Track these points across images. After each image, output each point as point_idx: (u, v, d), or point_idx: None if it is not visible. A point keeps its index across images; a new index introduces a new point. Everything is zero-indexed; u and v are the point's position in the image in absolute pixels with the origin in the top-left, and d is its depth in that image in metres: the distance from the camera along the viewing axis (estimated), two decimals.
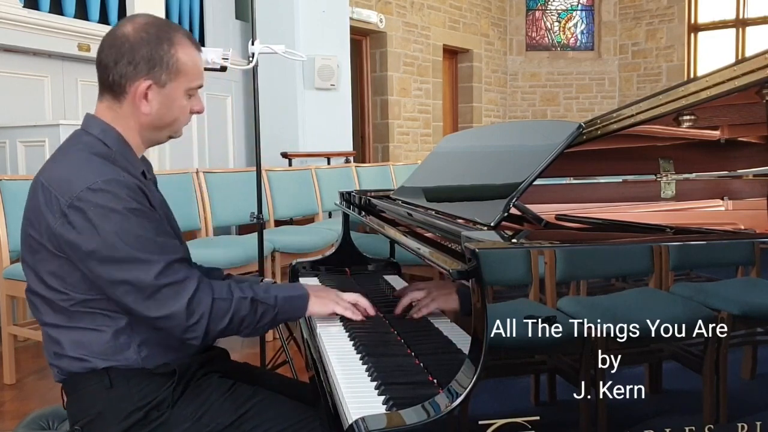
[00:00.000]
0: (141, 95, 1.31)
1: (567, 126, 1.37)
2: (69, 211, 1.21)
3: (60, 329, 1.30)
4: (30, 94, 4.36)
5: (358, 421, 1.01)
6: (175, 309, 1.23)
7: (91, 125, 1.35)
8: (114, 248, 1.20)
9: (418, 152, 8.56)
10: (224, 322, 1.29)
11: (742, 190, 2.12)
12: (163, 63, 1.31)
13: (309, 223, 5.12)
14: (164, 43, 1.31)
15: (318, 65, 6.00)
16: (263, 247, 2.93)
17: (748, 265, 1.12)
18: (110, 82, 1.32)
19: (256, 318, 1.33)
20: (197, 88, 1.38)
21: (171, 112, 1.35)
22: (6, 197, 3.16)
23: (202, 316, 1.26)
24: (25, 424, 1.47)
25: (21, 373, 3.21)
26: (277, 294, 1.37)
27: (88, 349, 1.29)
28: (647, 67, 10.01)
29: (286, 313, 1.40)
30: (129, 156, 1.35)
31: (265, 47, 2.74)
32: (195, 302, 1.25)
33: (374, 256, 2.02)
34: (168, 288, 1.23)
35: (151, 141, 1.41)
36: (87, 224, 1.20)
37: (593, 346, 1.05)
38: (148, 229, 1.24)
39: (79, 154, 1.30)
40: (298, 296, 1.42)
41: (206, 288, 1.28)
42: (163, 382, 1.31)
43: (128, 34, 1.31)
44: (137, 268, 1.22)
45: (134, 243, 1.22)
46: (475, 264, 1.03)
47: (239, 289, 1.33)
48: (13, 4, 4.05)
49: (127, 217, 1.22)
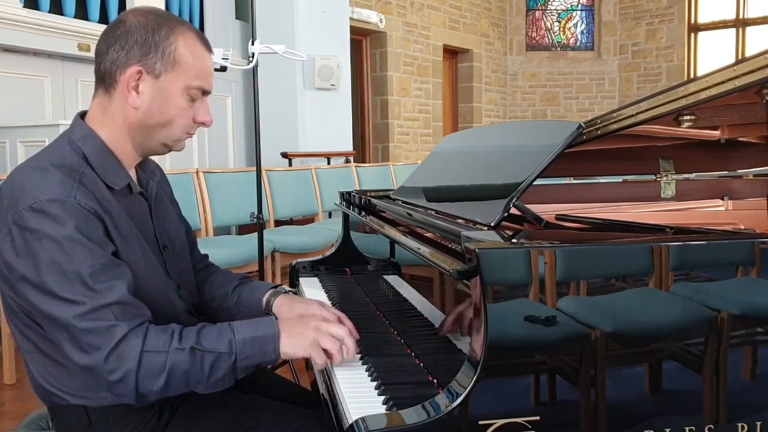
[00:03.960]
0: (131, 84, 1.16)
1: (567, 126, 1.37)
2: (13, 227, 1.08)
3: (30, 354, 1.19)
4: (30, 94, 4.36)
5: (358, 421, 1.01)
6: (94, 360, 1.06)
7: (75, 130, 1.21)
8: (40, 277, 1.06)
9: (418, 152, 8.56)
10: (160, 380, 1.08)
11: (742, 190, 2.12)
12: (158, 50, 1.16)
13: (309, 223, 5.12)
14: (163, 29, 1.17)
15: (318, 65, 6.01)
16: (263, 247, 2.94)
17: (748, 265, 1.12)
18: (102, 72, 1.19)
19: (204, 370, 1.10)
20: (200, 91, 1.22)
21: (164, 109, 1.19)
22: None
23: (127, 373, 1.06)
24: (25, 424, 1.47)
25: (21, 373, 3.21)
26: (234, 337, 1.13)
27: (57, 383, 1.18)
28: (647, 67, 10.01)
29: (251, 358, 1.14)
30: (109, 167, 1.19)
31: (265, 47, 2.74)
32: (116, 355, 1.06)
33: (374, 256, 2.02)
34: (89, 335, 1.06)
35: (143, 147, 1.24)
36: (23, 245, 1.07)
37: (593, 346, 1.05)
38: (82, 265, 1.07)
39: (42, 163, 1.14)
40: (263, 337, 1.15)
41: (136, 338, 1.08)
42: (144, 415, 1.21)
43: (126, 19, 1.18)
44: (57, 305, 1.06)
45: (59, 278, 1.06)
46: (475, 264, 1.03)
47: (181, 337, 1.11)
48: (13, 4, 4.05)
49: (60, 247, 1.06)
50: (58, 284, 1.06)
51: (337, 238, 2.28)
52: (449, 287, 1.27)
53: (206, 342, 1.12)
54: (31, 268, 1.07)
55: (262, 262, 2.95)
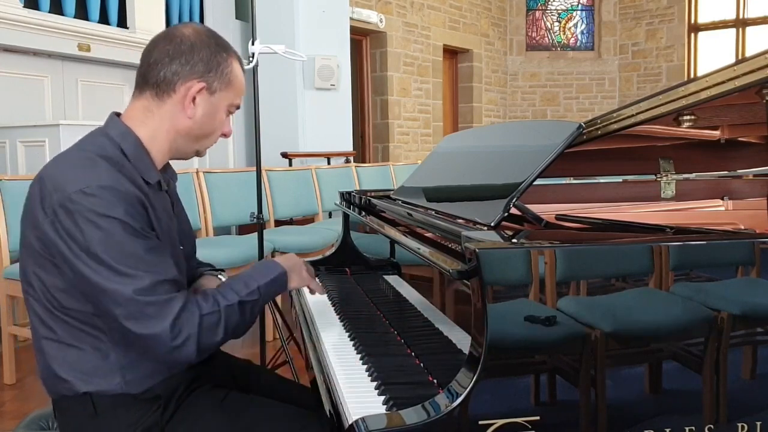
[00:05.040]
0: (191, 96, 1.29)
1: (567, 126, 1.37)
2: (59, 210, 1.16)
3: (44, 340, 1.25)
4: (30, 94, 4.36)
5: (358, 421, 1.01)
6: (158, 329, 1.16)
7: (111, 126, 1.29)
8: (97, 256, 1.15)
9: (418, 152, 8.56)
10: (218, 334, 1.23)
11: (742, 190, 2.12)
12: (218, 70, 1.30)
13: (309, 223, 5.12)
14: (222, 50, 1.31)
15: (318, 65, 6.00)
16: (263, 247, 2.94)
17: (748, 265, 1.12)
18: (158, 79, 1.28)
19: (246, 318, 1.30)
20: (236, 108, 1.38)
21: (211, 123, 1.33)
22: (6, 197, 3.16)
23: (189, 336, 1.19)
24: (25, 424, 1.47)
25: (21, 373, 3.21)
26: (259, 283, 1.33)
27: (70, 368, 1.24)
28: (647, 67, 10.01)
29: (270, 295, 1.38)
30: (145, 163, 1.28)
31: (265, 47, 2.74)
32: (180, 322, 1.18)
33: (374, 256, 2.02)
34: (151, 307, 1.16)
35: (178, 151, 1.36)
36: (74, 227, 1.15)
37: (593, 346, 1.05)
38: (136, 245, 1.17)
39: (86, 154, 1.23)
40: (278, 276, 1.38)
41: (192, 306, 1.21)
42: (150, 407, 1.26)
43: (188, 35, 1.29)
44: (117, 281, 1.15)
45: (117, 255, 1.15)
46: (475, 264, 1.03)
47: (222, 296, 1.27)
48: (13, 4, 4.05)
49: (114, 227, 1.15)
50: (118, 261, 1.15)
51: (337, 238, 2.28)
52: (449, 287, 1.27)
53: (244, 294, 1.29)
54: (83, 247, 1.15)
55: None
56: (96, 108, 4.73)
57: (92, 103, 4.72)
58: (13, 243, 3.08)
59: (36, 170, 1.33)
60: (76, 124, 3.92)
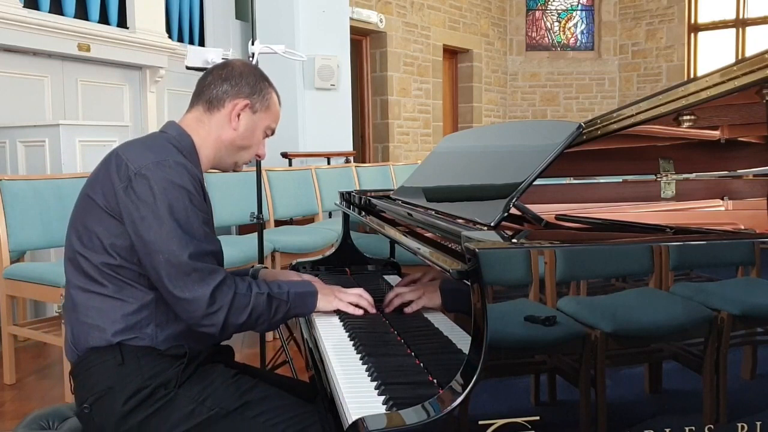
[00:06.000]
0: (236, 111, 1.50)
1: (567, 126, 1.37)
2: (135, 177, 1.33)
3: (87, 293, 1.37)
4: (30, 94, 4.36)
5: (358, 421, 1.01)
6: (198, 294, 1.31)
7: (170, 128, 1.50)
8: (163, 218, 1.30)
9: (418, 152, 8.56)
10: (243, 316, 1.37)
11: (742, 190, 2.13)
12: (261, 95, 1.53)
13: (309, 223, 5.12)
14: (265, 81, 1.56)
15: (318, 65, 6.00)
16: (263, 247, 2.94)
17: (748, 265, 1.12)
18: (211, 96, 1.51)
19: (271, 313, 1.42)
20: (272, 133, 1.59)
21: (251, 138, 1.54)
22: (6, 197, 3.15)
23: (221, 307, 1.33)
24: (25, 424, 1.47)
25: (21, 373, 3.22)
26: (290, 290, 1.47)
27: (108, 318, 1.36)
28: (647, 67, 10.01)
29: (298, 308, 1.50)
30: (195, 161, 1.47)
31: (265, 47, 2.74)
32: (218, 292, 1.33)
33: (374, 256, 2.02)
34: (197, 272, 1.31)
35: (219, 161, 1.55)
36: (147, 191, 1.31)
37: (593, 346, 1.05)
38: (198, 216, 1.35)
39: (159, 140, 1.45)
40: (309, 293, 1.52)
41: (231, 282, 1.37)
42: (173, 362, 1.37)
43: (239, 65, 1.55)
44: (176, 243, 1.30)
45: (183, 220, 1.32)
46: (475, 264, 1.03)
47: (256, 286, 1.41)
48: (13, 4, 4.05)
49: (184, 196, 1.33)
50: (180, 225, 1.31)
51: (337, 238, 2.28)
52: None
53: (276, 291, 1.44)
54: (153, 209, 1.31)
55: (263, 262, 2.95)
56: (96, 108, 4.73)
57: (92, 103, 4.72)
58: (14, 243, 3.07)
59: (36, 170, 1.35)
60: (76, 124, 3.92)
